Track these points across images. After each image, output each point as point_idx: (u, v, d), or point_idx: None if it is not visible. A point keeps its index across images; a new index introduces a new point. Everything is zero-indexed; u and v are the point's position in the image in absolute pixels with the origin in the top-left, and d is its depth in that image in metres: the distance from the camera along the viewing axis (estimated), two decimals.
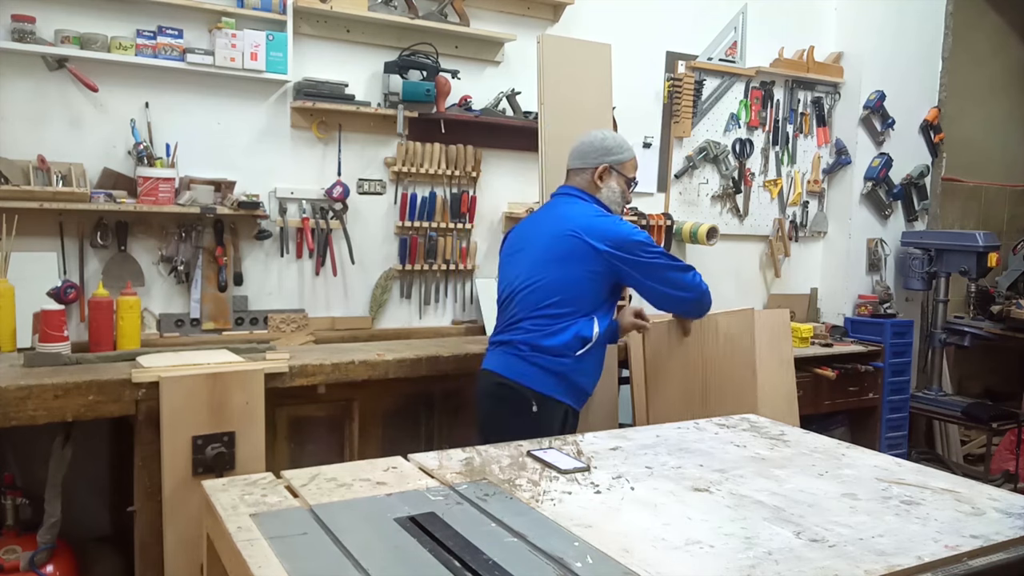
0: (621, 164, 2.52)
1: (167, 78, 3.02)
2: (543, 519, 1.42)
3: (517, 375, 2.42)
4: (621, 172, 2.53)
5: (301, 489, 1.54)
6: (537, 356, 2.40)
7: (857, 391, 4.20)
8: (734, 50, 4.34)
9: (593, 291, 2.43)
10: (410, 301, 3.60)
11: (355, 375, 2.68)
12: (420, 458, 1.76)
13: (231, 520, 1.37)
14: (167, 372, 2.30)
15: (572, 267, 2.39)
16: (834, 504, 1.54)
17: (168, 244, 3.05)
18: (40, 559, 2.38)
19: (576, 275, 2.40)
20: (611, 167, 2.51)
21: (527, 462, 1.74)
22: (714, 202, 4.44)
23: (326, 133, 3.34)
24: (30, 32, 2.73)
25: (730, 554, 1.29)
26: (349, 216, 3.37)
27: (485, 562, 1.23)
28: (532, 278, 2.46)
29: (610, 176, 2.51)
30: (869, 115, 4.67)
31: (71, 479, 2.44)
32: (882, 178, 4.67)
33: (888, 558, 1.28)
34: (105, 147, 2.96)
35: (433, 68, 3.40)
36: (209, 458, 2.30)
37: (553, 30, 3.79)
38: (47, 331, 2.48)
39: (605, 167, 2.51)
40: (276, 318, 3.25)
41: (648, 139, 4.15)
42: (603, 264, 2.39)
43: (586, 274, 2.40)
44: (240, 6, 3.10)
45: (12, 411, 2.14)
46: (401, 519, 1.40)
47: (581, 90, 3.14)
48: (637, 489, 1.60)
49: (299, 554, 1.25)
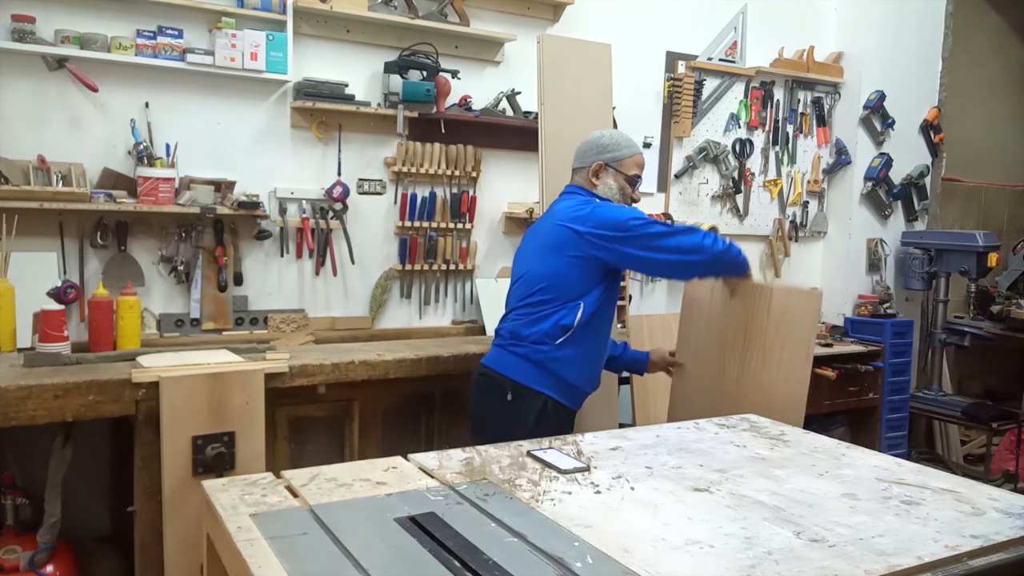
0: (618, 161, 2.48)
1: (167, 78, 3.02)
2: (543, 519, 1.42)
3: (496, 363, 2.44)
4: (618, 169, 2.48)
5: (301, 489, 1.54)
6: (516, 345, 2.40)
7: (857, 391, 4.20)
8: (734, 50, 4.35)
9: (577, 277, 2.38)
10: (410, 301, 3.60)
11: (355, 375, 2.68)
12: (420, 458, 1.76)
13: (231, 520, 1.37)
14: (167, 372, 2.30)
15: (557, 256, 2.38)
16: (834, 504, 1.54)
17: (168, 244, 3.05)
18: (40, 559, 2.38)
19: (559, 263, 2.38)
20: (606, 164, 2.47)
21: (527, 462, 1.74)
22: (714, 202, 4.44)
23: (326, 133, 3.35)
24: (30, 32, 2.73)
25: (730, 554, 1.29)
26: (349, 216, 3.37)
27: (485, 562, 1.23)
28: (522, 271, 2.50)
29: (606, 173, 2.48)
30: (869, 115, 4.67)
31: (71, 479, 2.44)
32: (882, 178, 4.67)
33: (888, 558, 1.28)
34: (105, 147, 2.96)
35: (433, 68, 3.40)
36: (209, 458, 2.30)
37: (553, 30, 3.79)
38: (47, 331, 2.48)
39: (599, 164, 2.48)
40: (276, 318, 3.25)
41: (648, 139, 4.15)
42: (586, 247, 2.35)
43: (569, 260, 2.37)
44: (240, 6, 3.10)
45: (12, 411, 2.14)
46: (401, 519, 1.40)
47: (581, 90, 3.14)
48: (637, 489, 1.60)
49: (299, 554, 1.25)
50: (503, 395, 2.38)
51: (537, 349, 2.38)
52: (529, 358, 2.38)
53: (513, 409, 2.36)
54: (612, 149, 2.48)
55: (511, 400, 2.37)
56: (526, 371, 2.38)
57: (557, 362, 2.38)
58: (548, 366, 2.38)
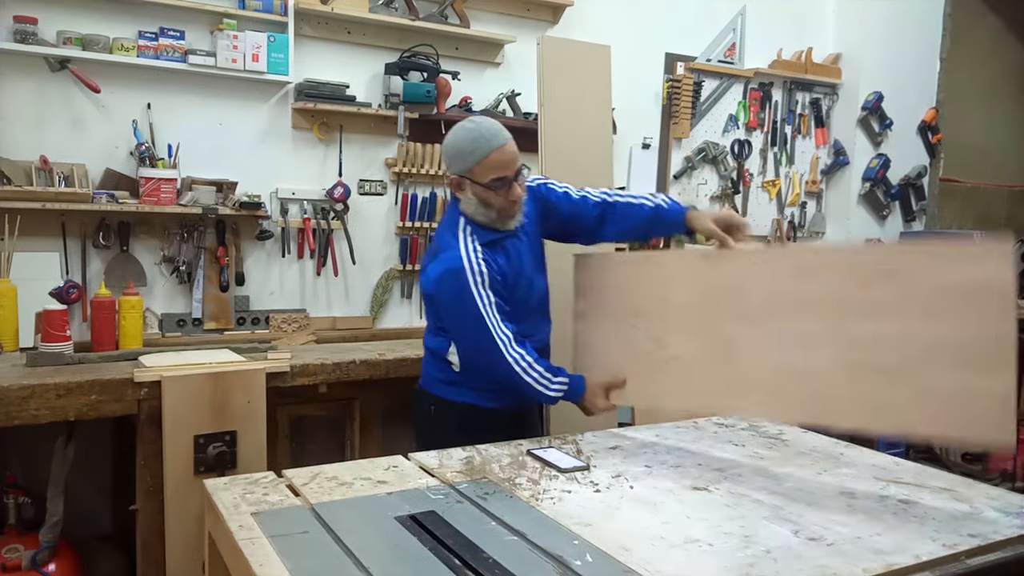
0: (469, 171, 2.03)
1: (169, 79, 3.03)
2: (543, 518, 1.43)
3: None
4: (473, 180, 2.04)
5: (302, 488, 1.55)
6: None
7: None
8: (733, 51, 4.36)
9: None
10: (411, 301, 3.61)
11: (356, 375, 2.69)
12: (421, 457, 1.77)
13: (233, 519, 1.38)
14: (169, 372, 2.31)
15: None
16: (832, 503, 1.55)
17: (170, 244, 3.06)
18: (42, 558, 2.39)
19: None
20: (461, 176, 2.06)
21: (527, 461, 1.75)
22: (713, 203, 4.45)
23: (327, 134, 3.36)
24: (32, 33, 2.74)
25: (729, 552, 1.30)
26: (350, 216, 3.38)
27: (485, 560, 1.24)
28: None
29: (465, 186, 2.07)
30: (867, 116, 4.68)
31: (73, 478, 2.45)
32: (880, 179, 4.68)
33: (886, 557, 1.29)
34: (107, 148, 2.97)
35: (433, 69, 3.41)
36: (211, 457, 2.31)
37: (553, 31, 3.80)
38: (50, 331, 2.49)
39: (455, 179, 2.09)
40: (277, 318, 3.26)
41: (647, 140, 4.16)
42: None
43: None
44: (242, 8, 3.11)
45: (15, 410, 2.15)
46: (402, 518, 1.41)
47: (581, 91, 3.15)
48: (636, 488, 1.61)
49: (300, 553, 1.26)
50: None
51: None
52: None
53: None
54: (459, 159, 2.06)
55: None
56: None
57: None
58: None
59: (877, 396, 1.58)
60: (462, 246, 2.04)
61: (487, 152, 2.02)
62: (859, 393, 1.60)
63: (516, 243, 2.15)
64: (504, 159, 2.04)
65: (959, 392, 1.47)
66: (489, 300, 2.00)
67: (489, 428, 2.04)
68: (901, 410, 1.54)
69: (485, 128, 2.06)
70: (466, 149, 2.04)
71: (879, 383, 1.57)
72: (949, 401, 1.48)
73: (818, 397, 1.67)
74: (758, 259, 1.86)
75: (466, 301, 1.99)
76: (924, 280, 1.53)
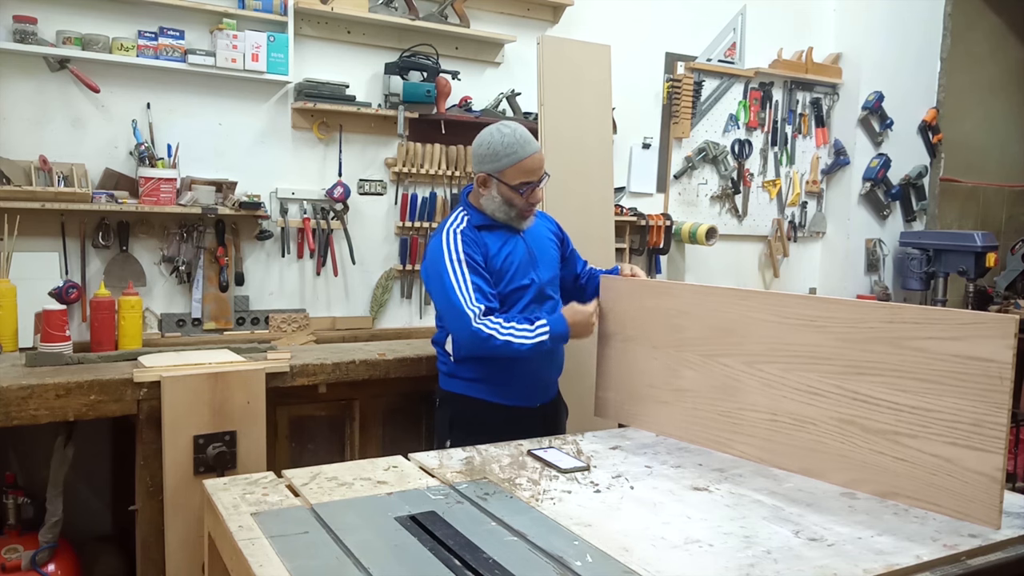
0: (500, 172, 2.25)
1: (168, 79, 3.03)
2: (543, 518, 1.43)
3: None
4: (501, 180, 2.26)
5: (302, 488, 1.55)
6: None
7: None
8: (733, 51, 4.36)
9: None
10: (410, 301, 3.61)
11: (356, 375, 2.69)
12: (421, 457, 1.77)
13: (232, 519, 1.38)
14: (169, 372, 2.31)
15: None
16: (833, 503, 1.55)
17: (170, 244, 3.06)
18: (42, 558, 2.38)
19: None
20: (489, 175, 2.27)
21: (527, 461, 1.75)
22: (713, 202, 4.45)
23: (327, 134, 3.35)
24: (32, 33, 2.74)
25: (729, 553, 1.30)
26: (350, 216, 3.38)
27: (485, 561, 1.24)
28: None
29: (491, 185, 2.28)
30: (867, 116, 4.68)
31: (73, 478, 2.45)
32: (880, 178, 4.68)
33: (887, 557, 1.29)
34: (107, 148, 2.97)
35: (433, 69, 3.41)
36: (210, 457, 2.30)
37: (553, 31, 3.80)
38: (49, 331, 2.48)
39: (483, 176, 2.29)
40: (277, 318, 3.26)
41: (647, 140, 4.16)
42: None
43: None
44: (241, 7, 3.11)
45: (14, 410, 2.14)
46: (402, 518, 1.41)
47: (581, 91, 3.15)
48: (636, 488, 1.61)
49: (300, 553, 1.26)
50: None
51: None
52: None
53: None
54: (491, 160, 2.27)
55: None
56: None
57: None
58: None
59: (866, 457, 1.61)
60: (447, 227, 2.28)
61: (521, 157, 2.24)
62: (849, 451, 1.64)
63: (514, 238, 2.34)
64: (534, 165, 2.27)
65: (948, 465, 1.49)
66: (462, 274, 2.19)
67: (478, 419, 2.23)
68: (890, 474, 1.58)
69: (520, 135, 2.27)
70: (501, 152, 2.25)
71: (869, 444, 1.61)
72: (937, 473, 1.51)
73: (810, 450, 1.71)
74: (751, 301, 1.89)
75: (441, 275, 2.20)
76: (924, 346, 1.54)
